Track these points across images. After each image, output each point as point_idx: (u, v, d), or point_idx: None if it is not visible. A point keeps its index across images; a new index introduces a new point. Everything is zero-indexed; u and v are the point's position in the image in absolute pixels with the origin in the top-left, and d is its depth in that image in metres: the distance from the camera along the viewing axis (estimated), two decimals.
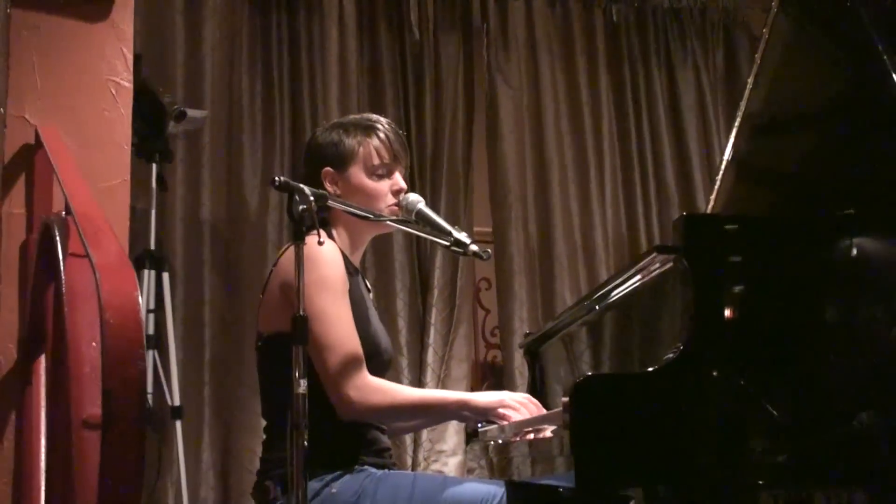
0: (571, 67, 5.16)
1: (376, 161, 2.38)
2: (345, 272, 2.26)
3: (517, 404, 2.25)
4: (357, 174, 2.37)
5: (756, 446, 1.70)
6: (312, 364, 2.15)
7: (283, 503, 2.15)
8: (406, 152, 2.45)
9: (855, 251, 1.81)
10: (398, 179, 2.40)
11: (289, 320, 1.93)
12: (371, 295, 2.55)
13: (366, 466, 2.22)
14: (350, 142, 2.38)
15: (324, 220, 2.36)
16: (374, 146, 2.39)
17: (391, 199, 2.38)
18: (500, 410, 2.24)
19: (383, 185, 2.38)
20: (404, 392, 2.31)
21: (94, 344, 1.53)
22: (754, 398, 1.70)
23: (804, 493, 1.73)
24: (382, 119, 2.46)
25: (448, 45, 4.98)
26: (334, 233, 2.37)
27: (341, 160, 2.38)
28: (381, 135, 2.40)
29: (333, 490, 2.14)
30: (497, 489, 2.15)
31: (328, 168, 2.39)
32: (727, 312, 1.74)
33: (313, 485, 2.10)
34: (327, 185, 2.37)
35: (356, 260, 2.43)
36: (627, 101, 5.21)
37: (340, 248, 2.34)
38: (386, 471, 2.25)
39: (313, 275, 2.13)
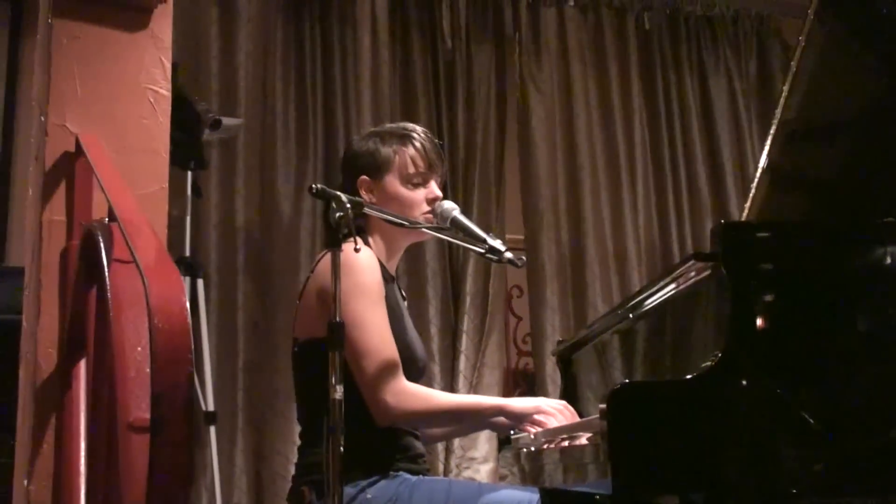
0: (603, 75, 5.16)
1: (412, 170, 2.39)
2: (381, 279, 2.28)
3: (553, 410, 2.24)
4: (392, 183, 2.39)
5: (793, 454, 1.70)
6: (349, 370, 2.17)
7: None
8: (442, 161, 2.46)
9: (892, 261, 1.80)
10: (433, 188, 2.41)
11: (325, 326, 1.94)
12: (406, 303, 2.57)
13: (401, 472, 2.22)
14: (386, 150, 2.40)
15: (360, 227, 2.38)
16: (409, 155, 2.40)
17: (426, 208, 2.39)
18: (537, 417, 2.23)
19: (419, 194, 2.39)
20: (440, 397, 2.32)
21: (139, 349, 1.55)
22: (791, 406, 1.69)
23: (841, 501, 1.72)
24: (418, 128, 2.47)
25: (480, 54, 5.00)
26: (370, 240, 2.39)
27: (377, 169, 2.39)
28: (417, 143, 2.41)
29: (369, 496, 2.15)
30: (532, 496, 2.15)
31: (364, 177, 2.40)
32: (765, 320, 1.73)
33: (348, 490, 2.10)
34: (363, 194, 2.38)
35: (392, 267, 2.45)
36: (660, 109, 5.21)
37: (377, 256, 2.35)
38: (421, 477, 2.26)
39: (350, 281, 2.15)
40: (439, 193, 2.41)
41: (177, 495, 1.38)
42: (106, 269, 1.82)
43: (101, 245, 1.90)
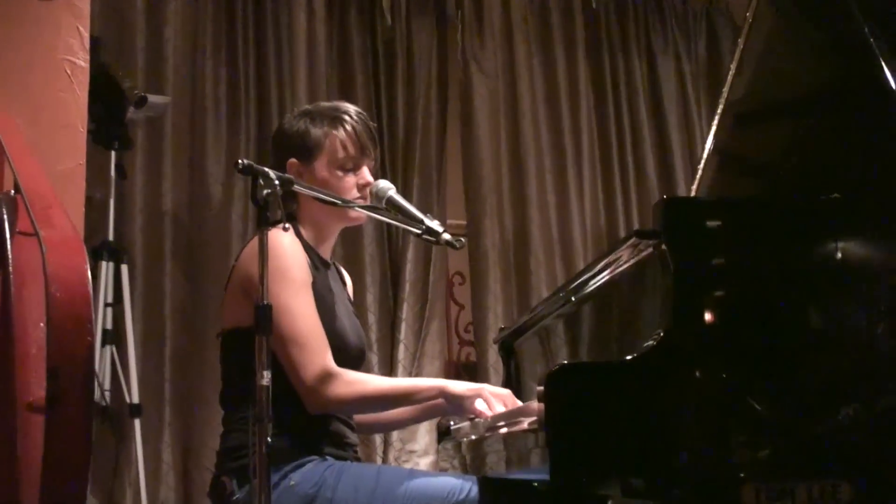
0: (549, 55, 5.15)
1: (342, 154, 2.36)
2: (306, 264, 2.25)
3: (495, 398, 2.22)
4: (322, 168, 2.36)
5: (738, 438, 1.70)
6: (276, 357, 2.14)
7: (242, 497, 2.13)
8: (375, 145, 2.43)
9: (839, 238, 1.81)
10: (365, 174, 2.38)
11: (249, 314, 1.92)
12: (349, 287, 2.54)
13: (327, 458, 2.20)
14: (316, 133, 2.36)
15: (290, 213, 2.35)
16: (340, 139, 2.37)
17: (356, 194, 2.37)
18: (476, 406, 2.21)
19: (349, 180, 2.37)
20: (375, 382, 2.30)
21: (41, 325, 1.49)
22: (736, 388, 1.70)
23: (786, 486, 1.73)
24: (352, 108, 2.43)
25: (421, 32, 4.97)
26: (300, 226, 2.36)
27: (307, 152, 2.36)
28: (349, 126, 2.38)
29: (292, 482, 2.13)
30: (466, 483, 2.14)
31: (293, 160, 2.37)
32: (708, 299, 1.74)
33: (271, 476, 2.07)
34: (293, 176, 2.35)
35: (326, 253, 2.42)
36: (607, 90, 5.22)
37: (308, 241, 2.33)
38: (348, 462, 2.23)
39: (273, 268, 2.11)
40: (370, 179, 2.38)
41: (73, 477, 1.33)
42: (9, 242, 1.76)
43: (5, 216, 1.84)
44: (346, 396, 2.18)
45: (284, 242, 2.19)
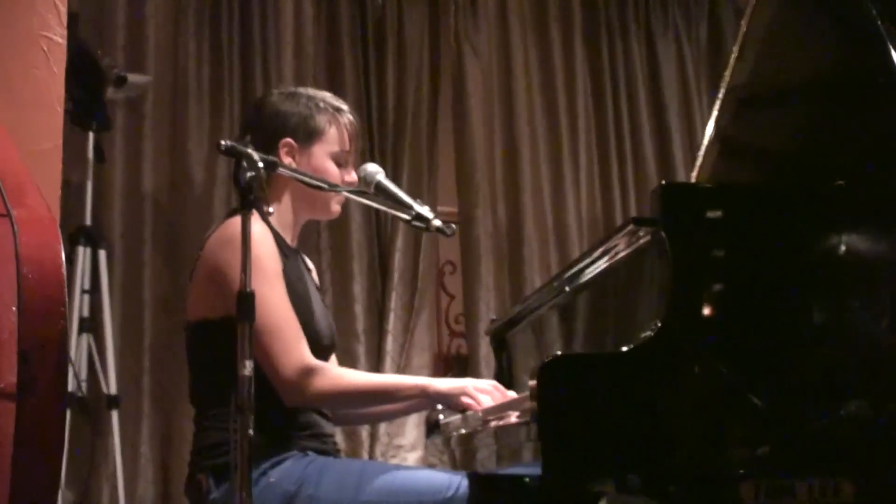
0: (545, 37, 5.15)
1: (346, 146, 2.40)
2: (276, 252, 2.24)
3: (481, 392, 2.21)
4: (320, 154, 2.37)
5: (737, 434, 1.70)
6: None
7: (218, 497, 2.12)
8: (359, 144, 2.48)
9: (842, 228, 1.81)
10: (352, 172, 2.40)
11: (218, 305, 1.94)
12: (314, 274, 2.53)
13: (308, 452, 2.20)
14: (321, 118, 2.39)
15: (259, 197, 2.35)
16: (346, 129, 2.40)
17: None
18: (463, 399, 2.21)
19: (340, 173, 2.39)
20: (354, 377, 2.29)
21: (13, 309, 1.48)
22: (735, 382, 1.69)
23: (785, 482, 1.73)
24: (342, 102, 2.47)
25: (413, 12, 4.95)
26: (273, 209, 2.35)
27: (306, 135, 2.37)
28: (350, 118, 2.42)
29: (272, 479, 2.12)
30: (456, 478, 2.13)
31: (289, 139, 2.36)
32: (707, 289, 1.73)
33: None
34: (282, 156, 2.35)
35: (292, 240, 2.42)
36: (604, 75, 5.21)
37: (275, 228, 2.33)
38: (331, 458, 2.23)
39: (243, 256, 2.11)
40: (355, 179, 2.39)
41: (45, 469, 1.32)
42: None
43: None
44: (326, 391, 2.17)
45: (255, 230, 2.17)
